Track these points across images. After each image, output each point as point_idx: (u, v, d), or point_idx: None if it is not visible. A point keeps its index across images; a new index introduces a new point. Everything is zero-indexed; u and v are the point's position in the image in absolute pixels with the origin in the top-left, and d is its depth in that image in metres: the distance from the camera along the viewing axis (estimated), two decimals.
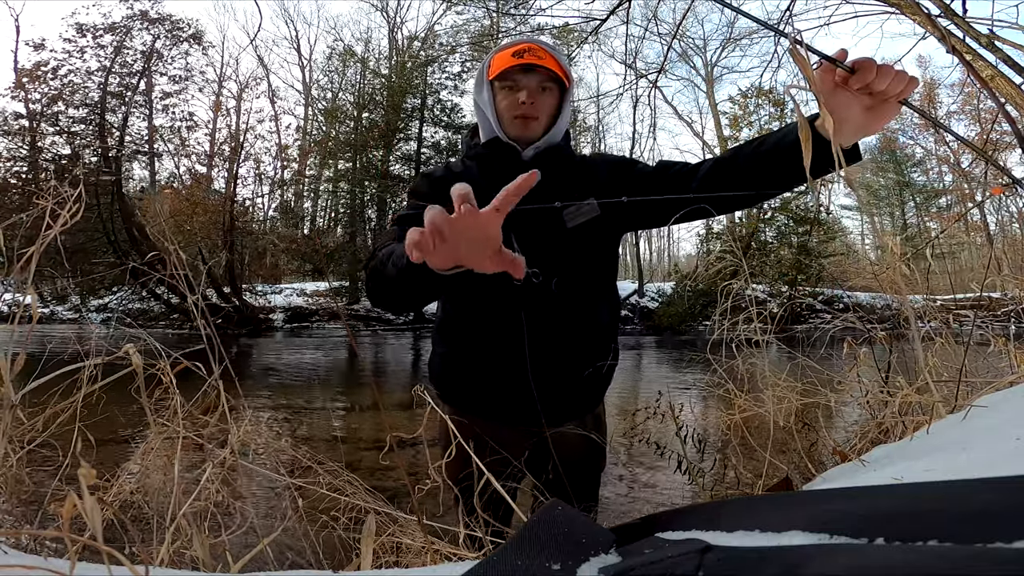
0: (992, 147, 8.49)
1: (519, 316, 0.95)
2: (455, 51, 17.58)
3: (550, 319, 0.96)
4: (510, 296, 0.96)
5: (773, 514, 0.26)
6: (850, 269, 13.95)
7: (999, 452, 0.60)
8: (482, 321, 0.99)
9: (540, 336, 0.96)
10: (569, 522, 0.29)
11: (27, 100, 14.50)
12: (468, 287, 0.98)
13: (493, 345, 0.99)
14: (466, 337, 1.02)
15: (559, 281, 0.97)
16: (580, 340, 0.99)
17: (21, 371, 0.60)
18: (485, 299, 0.98)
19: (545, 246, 0.96)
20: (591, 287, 1.02)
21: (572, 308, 0.98)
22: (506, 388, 0.99)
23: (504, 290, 0.95)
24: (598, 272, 1.02)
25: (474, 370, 1.02)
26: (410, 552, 0.83)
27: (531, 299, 0.95)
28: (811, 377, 1.16)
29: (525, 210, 0.93)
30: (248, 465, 0.86)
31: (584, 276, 1.00)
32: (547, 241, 0.96)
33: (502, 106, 1.00)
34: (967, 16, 2.43)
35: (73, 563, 0.38)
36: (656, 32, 6.86)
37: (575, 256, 0.97)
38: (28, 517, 0.88)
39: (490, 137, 1.02)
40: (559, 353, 0.97)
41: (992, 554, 0.18)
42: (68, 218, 0.71)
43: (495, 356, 0.99)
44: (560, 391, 0.99)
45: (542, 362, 0.95)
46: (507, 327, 0.96)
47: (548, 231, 0.96)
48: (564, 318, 0.98)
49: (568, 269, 0.98)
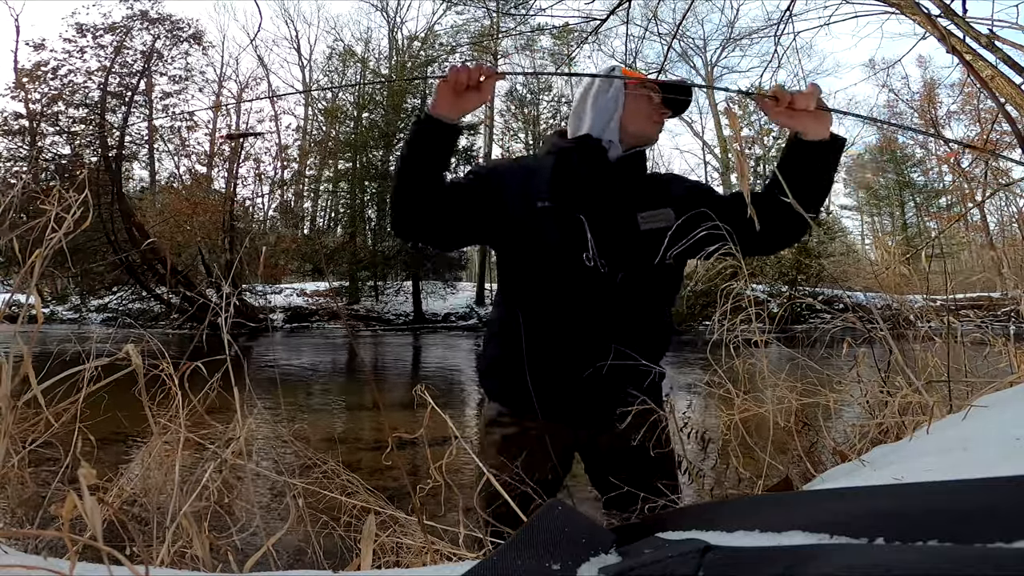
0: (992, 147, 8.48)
1: (583, 306, 1.01)
2: (455, 51, 17.57)
3: (612, 311, 1.02)
4: (576, 286, 1.01)
5: (773, 514, 0.26)
6: (850, 269, 13.95)
7: (999, 452, 0.60)
8: (550, 306, 1.04)
9: (601, 328, 1.01)
10: (569, 522, 0.29)
11: (27, 100, 14.51)
12: (528, 273, 1.06)
13: (556, 338, 1.03)
14: (531, 327, 1.04)
15: (624, 276, 1.02)
16: (637, 336, 1.03)
17: (23, 372, 0.60)
18: (554, 285, 1.03)
19: (617, 241, 1.02)
20: (653, 289, 1.07)
21: (633, 303, 1.03)
22: (565, 383, 1.03)
23: (571, 281, 1.01)
24: (661, 279, 1.07)
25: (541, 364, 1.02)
26: (410, 552, 0.83)
27: (596, 288, 1.01)
28: (811, 377, 1.16)
29: (603, 204, 1.06)
30: (249, 465, 0.86)
31: (648, 277, 1.04)
32: (619, 237, 1.03)
33: (636, 106, 1.09)
34: (967, 16, 2.43)
35: (73, 563, 0.38)
36: (656, 32, 6.86)
37: (642, 256, 1.01)
38: (29, 517, 0.88)
39: (582, 133, 1.09)
40: (619, 343, 0.99)
41: (992, 554, 0.18)
42: (72, 223, 0.71)
43: (558, 349, 1.03)
44: (616, 387, 1.00)
45: (601, 354, 0.99)
46: (571, 317, 1.02)
47: (622, 228, 1.03)
48: (625, 312, 1.03)
49: (634, 266, 1.02)
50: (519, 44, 18.33)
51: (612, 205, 1.04)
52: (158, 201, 15.90)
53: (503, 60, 19.17)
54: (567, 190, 1.05)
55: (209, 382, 0.87)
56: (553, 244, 1.02)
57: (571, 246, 1.01)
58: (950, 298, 1.30)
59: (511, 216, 1.04)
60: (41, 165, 13.25)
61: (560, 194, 1.04)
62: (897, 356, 0.93)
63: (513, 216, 1.04)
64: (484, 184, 1.07)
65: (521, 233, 1.04)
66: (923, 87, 20.10)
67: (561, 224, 1.02)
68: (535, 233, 1.03)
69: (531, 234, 1.03)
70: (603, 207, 1.04)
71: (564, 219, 1.02)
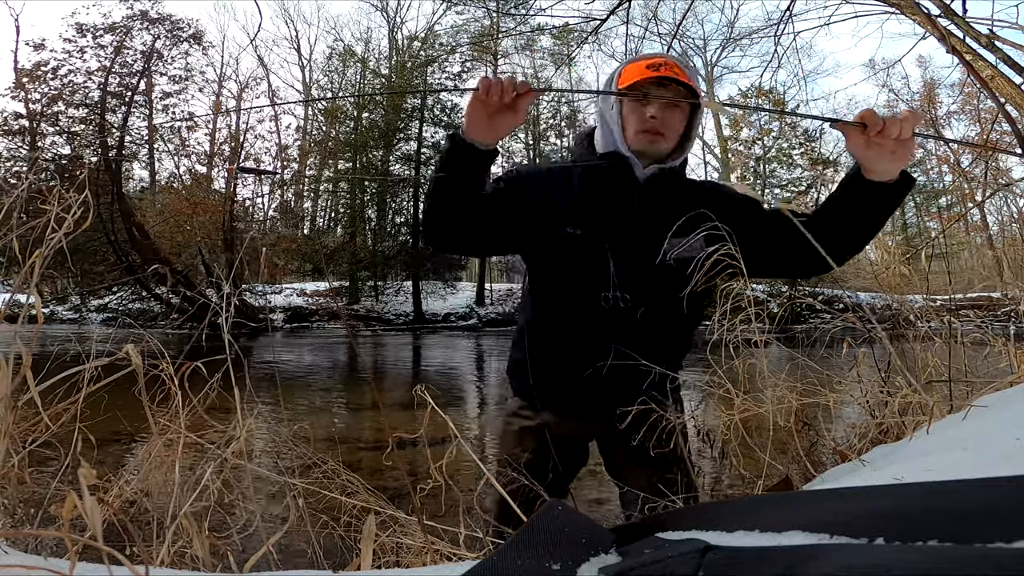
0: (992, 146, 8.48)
1: (604, 339, 0.99)
2: (455, 51, 17.58)
3: (629, 341, 0.98)
4: (597, 317, 1.00)
5: (773, 514, 0.26)
6: (850, 269, 13.96)
7: (999, 452, 0.60)
8: (562, 334, 1.05)
9: (617, 355, 0.98)
10: (569, 522, 0.29)
11: (27, 100, 14.51)
12: (553, 301, 1.05)
13: (570, 355, 1.04)
14: (545, 345, 1.08)
15: (645, 312, 0.99)
16: (655, 354, 0.99)
17: (22, 372, 0.60)
18: (567, 314, 1.03)
19: (641, 273, 0.99)
20: (675, 323, 1.03)
21: (653, 334, 1.01)
22: (579, 393, 1.05)
23: (588, 310, 1.00)
24: (685, 310, 0.98)
25: (550, 374, 1.07)
26: (410, 552, 0.83)
27: (616, 322, 1.00)
28: (811, 377, 1.16)
29: (628, 231, 1.01)
30: (249, 465, 0.86)
31: (671, 311, 0.99)
32: (644, 269, 0.98)
33: (629, 118, 1.00)
34: (967, 16, 2.43)
35: (73, 563, 0.38)
36: (656, 32, 6.86)
37: (667, 289, 0.97)
38: (29, 517, 0.88)
39: (609, 149, 1.02)
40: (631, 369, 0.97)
41: (992, 554, 0.18)
42: (72, 224, 0.71)
43: (571, 365, 1.04)
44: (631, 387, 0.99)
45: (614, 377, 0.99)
46: (590, 343, 1.01)
47: (647, 258, 0.97)
48: (643, 341, 0.99)
49: (657, 301, 1.00)
50: (519, 44, 18.33)
51: (639, 232, 1.00)
52: (158, 201, 15.90)
53: (503, 60, 19.18)
54: (596, 215, 1.01)
55: (209, 382, 0.87)
56: (576, 276, 1.01)
57: (593, 281, 0.99)
58: (950, 298, 1.30)
59: (539, 236, 1.03)
60: (41, 165, 13.23)
61: (588, 220, 1.01)
62: (894, 356, 0.93)
63: (541, 237, 1.03)
64: (513, 195, 1.03)
65: (547, 255, 1.04)
66: (923, 87, 20.12)
67: (586, 255, 1.00)
68: (560, 260, 1.02)
69: (557, 260, 1.03)
70: (630, 234, 1.00)
71: (590, 249, 1.00)
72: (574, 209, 1.01)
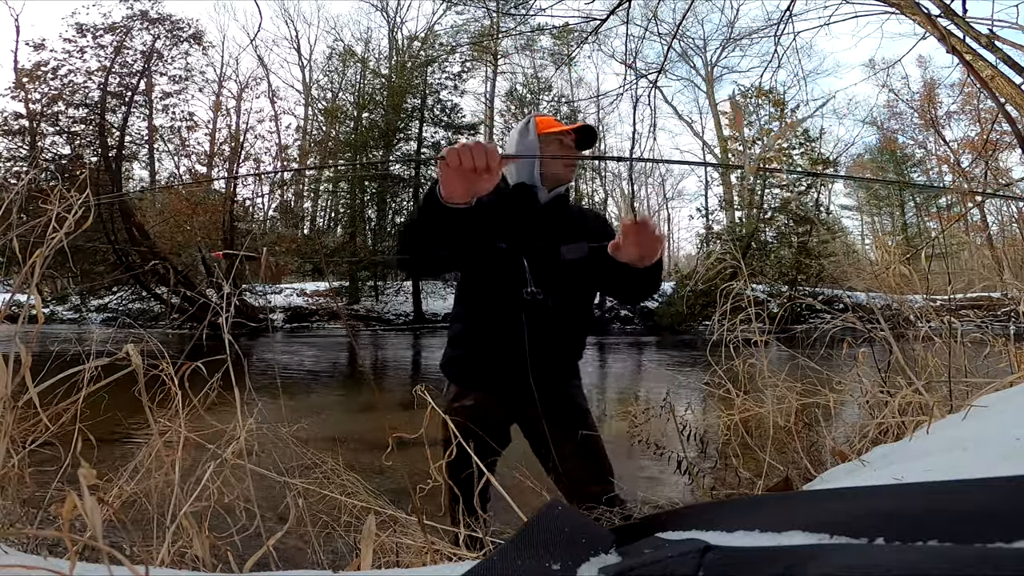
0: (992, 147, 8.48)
1: (521, 319, 1.27)
2: (455, 51, 17.58)
3: (544, 325, 1.27)
4: (518, 306, 1.26)
5: (773, 514, 0.26)
6: (850, 269, 13.96)
7: (999, 452, 0.60)
8: (495, 323, 1.29)
9: (536, 336, 1.26)
10: (569, 522, 0.29)
11: (27, 100, 14.51)
12: (486, 299, 1.31)
13: (502, 340, 1.28)
14: (481, 335, 1.32)
15: (554, 299, 1.28)
16: (563, 340, 1.33)
17: (22, 373, 0.60)
18: (498, 308, 1.28)
19: (547, 272, 1.28)
20: (575, 305, 1.34)
21: (560, 319, 1.29)
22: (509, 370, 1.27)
23: (513, 302, 1.26)
24: (582, 295, 1.37)
25: (485, 358, 1.31)
26: (410, 552, 0.83)
27: (533, 310, 1.27)
28: (811, 377, 1.16)
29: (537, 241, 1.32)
30: (249, 465, 0.86)
31: (571, 297, 1.32)
32: (549, 269, 1.28)
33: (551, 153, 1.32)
34: (967, 16, 2.43)
35: (73, 563, 0.38)
36: (656, 32, 6.85)
37: (567, 281, 1.29)
38: (29, 517, 0.88)
39: (519, 180, 1.32)
40: (548, 347, 1.28)
41: (992, 554, 0.18)
42: (73, 223, 0.71)
43: (503, 347, 1.28)
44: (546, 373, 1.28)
45: (535, 353, 1.25)
46: (512, 328, 1.26)
47: (550, 261, 1.28)
48: (554, 325, 1.29)
49: (561, 291, 1.29)
50: (519, 44, 18.34)
51: (543, 241, 1.30)
52: (158, 201, 15.90)
53: (503, 60, 19.18)
54: (513, 232, 1.29)
55: (209, 382, 0.87)
56: (503, 279, 1.27)
57: (516, 281, 1.27)
58: (950, 298, 1.30)
59: (481, 252, 1.27)
60: (41, 165, 13.24)
61: (509, 236, 1.29)
62: (897, 355, 0.93)
63: (479, 251, 1.27)
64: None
65: (484, 266, 1.29)
66: (923, 87, 20.10)
67: (510, 263, 1.27)
68: (492, 268, 1.28)
69: (489, 268, 1.29)
70: (536, 244, 1.30)
71: (512, 258, 1.28)
72: (499, 229, 1.29)
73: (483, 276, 1.32)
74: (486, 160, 0.95)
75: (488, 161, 0.95)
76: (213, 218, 14.26)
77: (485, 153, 0.95)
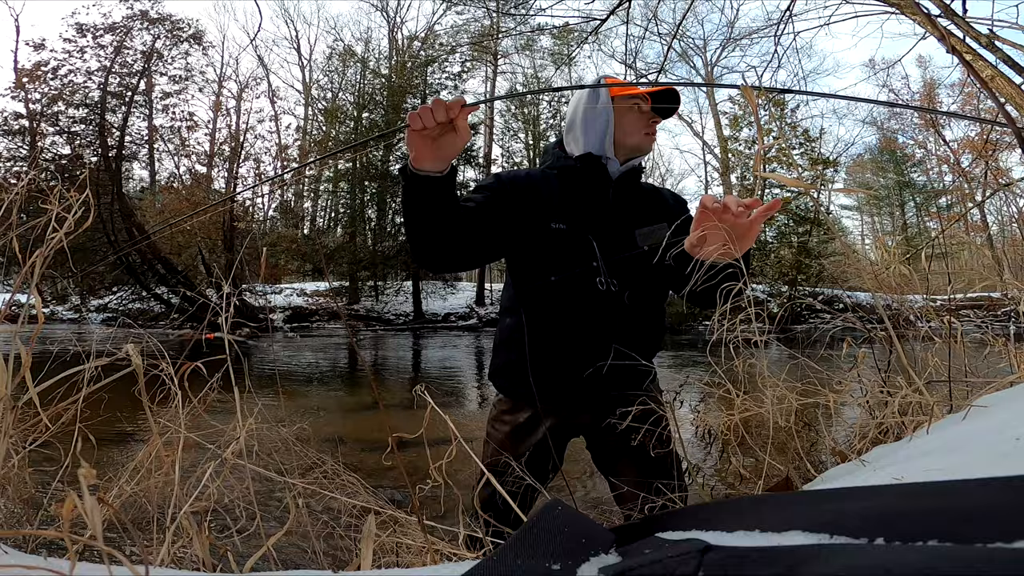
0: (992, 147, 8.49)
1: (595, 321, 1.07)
2: (455, 51, 17.58)
3: (620, 325, 1.08)
4: (589, 302, 1.08)
5: (773, 514, 0.26)
6: (850, 269, 13.98)
7: (999, 452, 0.60)
8: (561, 323, 1.09)
9: (608, 337, 1.06)
10: (569, 522, 0.29)
11: (27, 100, 14.51)
12: (548, 294, 1.09)
13: (574, 343, 1.09)
14: (542, 337, 1.10)
15: (631, 294, 1.09)
16: (638, 340, 1.10)
17: (21, 373, 0.60)
18: (564, 304, 1.09)
19: (622, 261, 1.08)
20: (655, 300, 1.15)
21: (638, 316, 1.11)
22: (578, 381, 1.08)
23: (584, 297, 1.08)
24: (661, 291, 1.16)
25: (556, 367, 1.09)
26: (410, 552, 0.83)
27: (607, 306, 1.08)
28: (811, 377, 1.16)
29: (606, 223, 1.11)
30: (249, 465, 0.86)
31: (650, 292, 1.12)
32: (623, 256, 1.08)
33: (631, 121, 1.11)
34: (967, 16, 2.43)
35: (73, 563, 0.38)
36: (656, 32, 6.87)
37: (644, 272, 1.08)
38: (29, 517, 0.88)
39: (586, 151, 1.12)
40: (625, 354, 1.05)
41: (992, 554, 0.18)
42: (73, 223, 0.71)
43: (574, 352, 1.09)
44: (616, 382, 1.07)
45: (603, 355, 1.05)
46: (583, 329, 1.08)
47: (626, 247, 1.08)
48: (631, 323, 1.10)
49: (640, 284, 1.10)
50: (519, 44, 18.34)
51: (616, 223, 1.10)
52: (158, 201, 15.89)
53: (503, 60, 19.18)
54: (577, 210, 1.10)
55: (209, 382, 0.87)
56: (569, 268, 1.07)
57: (586, 271, 1.07)
58: (950, 298, 1.30)
59: (526, 235, 1.09)
60: (41, 165, 13.23)
61: (571, 215, 1.09)
62: (900, 353, 0.93)
63: (528, 235, 1.09)
64: (497, 201, 1.08)
65: (536, 252, 1.10)
66: (923, 87, 20.11)
67: (574, 246, 1.07)
68: (550, 254, 1.08)
69: (547, 254, 1.09)
70: (609, 226, 1.10)
71: (577, 241, 1.07)
72: (557, 207, 1.09)
73: (541, 264, 1.09)
74: (445, 113, 0.87)
75: (448, 113, 0.87)
76: (213, 218, 14.25)
77: (444, 107, 0.87)
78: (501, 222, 1.06)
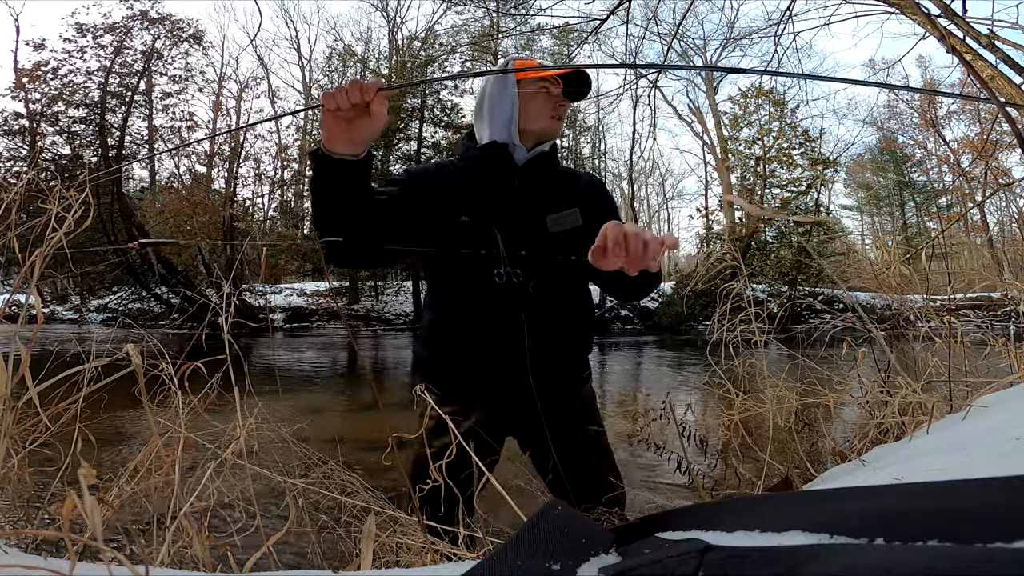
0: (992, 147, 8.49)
1: (502, 313, 1.03)
2: (455, 51, 17.57)
3: (528, 317, 1.03)
4: (492, 295, 1.03)
5: (773, 514, 0.26)
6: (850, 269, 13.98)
7: (999, 452, 0.60)
8: (463, 316, 1.07)
9: (519, 332, 1.03)
10: (569, 522, 0.29)
11: (27, 100, 14.51)
12: (453, 287, 1.08)
13: (479, 338, 1.06)
14: (454, 335, 1.08)
15: (536, 283, 1.04)
16: (553, 335, 1.07)
17: (21, 373, 0.60)
18: (471, 298, 1.06)
19: (529, 249, 1.03)
20: (566, 290, 1.09)
21: (547, 308, 1.06)
22: (491, 374, 1.07)
23: (487, 289, 1.04)
24: (573, 277, 1.10)
25: (463, 361, 1.08)
26: (410, 552, 0.83)
27: (510, 298, 1.03)
28: (811, 377, 1.16)
29: (512, 212, 1.04)
30: (249, 466, 0.86)
31: (560, 280, 1.07)
32: (530, 245, 1.03)
33: (538, 104, 1.08)
34: (967, 16, 2.43)
35: (73, 563, 0.38)
36: (656, 32, 6.86)
37: (555, 260, 1.01)
38: (29, 517, 0.88)
39: (491, 139, 1.09)
40: (538, 345, 1.04)
41: (992, 554, 0.18)
42: (72, 223, 0.71)
43: (481, 348, 1.06)
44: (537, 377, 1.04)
45: (519, 352, 1.03)
46: (490, 325, 1.04)
47: (531, 235, 1.04)
48: (540, 316, 1.05)
49: (545, 273, 1.04)
50: (519, 44, 18.33)
51: (522, 211, 1.07)
52: (158, 201, 15.89)
53: (503, 60, 19.13)
54: (482, 202, 1.07)
55: (209, 382, 0.87)
56: (469, 259, 1.03)
57: (485, 261, 1.03)
58: (950, 298, 1.30)
59: (434, 230, 1.06)
60: (41, 165, 13.23)
61: (476, 207, 1.06)
62: (886, 350, 0.93)
63: (436, 230, 1.06)
64: (408, 195, 1.06)
65: (444, 246, 1.06)
66: (923, 87, 20.08)
67: (477, 239, 1.04)
68: (454, 247, 1.05)
69: (451, 247, 1.05)
70: (514, 215, 1.06)
71: (480, 233, 1.04)
72: (463, 199, 1.07)
73: (447, 259, 1.07)
74: (360, 94, 0.84)
75: (364, 95, 0.84)
76: (213, 218, 14.26)
77: (360, 88, 0.84)
78: (412, 217, 1.04)
